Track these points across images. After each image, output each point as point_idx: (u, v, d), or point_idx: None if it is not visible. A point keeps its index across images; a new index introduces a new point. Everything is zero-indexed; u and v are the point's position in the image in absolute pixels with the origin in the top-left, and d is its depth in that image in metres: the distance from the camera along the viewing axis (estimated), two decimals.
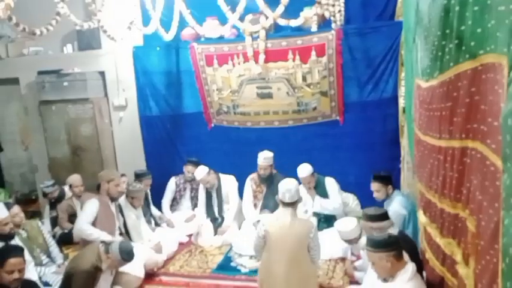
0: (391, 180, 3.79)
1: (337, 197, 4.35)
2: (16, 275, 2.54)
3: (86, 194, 4.34)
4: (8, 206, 3.50)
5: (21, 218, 3.62)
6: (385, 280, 2.41)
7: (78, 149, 5.48)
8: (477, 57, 1.58)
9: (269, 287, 3.14)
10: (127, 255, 3.06)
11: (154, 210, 5.00)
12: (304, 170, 4.26)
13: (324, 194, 4.37)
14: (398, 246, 2.40)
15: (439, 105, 2.07)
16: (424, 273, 2.69)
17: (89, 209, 3.78)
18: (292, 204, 3.12)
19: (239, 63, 4.81)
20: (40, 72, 5.42)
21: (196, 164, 4.86)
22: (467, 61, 1.68)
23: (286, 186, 3.13)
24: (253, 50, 4.64)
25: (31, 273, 3.36)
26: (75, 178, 4.70)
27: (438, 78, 2.08)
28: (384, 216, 2.97)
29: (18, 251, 2.63)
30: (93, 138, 5.44)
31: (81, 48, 5.57)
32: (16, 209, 3.59)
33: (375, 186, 3.73)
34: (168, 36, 4.69)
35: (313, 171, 4.31)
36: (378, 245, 2.37)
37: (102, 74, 5.49)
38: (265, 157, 4.57)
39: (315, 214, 4.40)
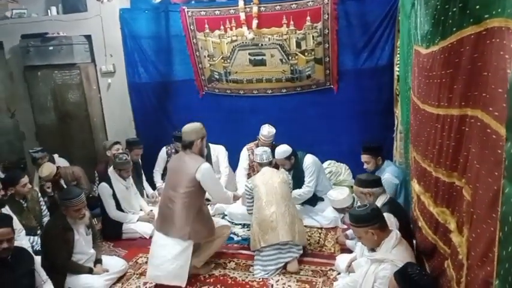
0: (381, 151, 3.78)
1: (309, 181, 4.11)
2: (5, 245, 2.52)
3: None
4: (17, 176, 3.64)
5: (29, 188, 3.73)
6: (372, 250, 2.43)
7: (65, 116, 5.36)
8: (482, 22, 1.51)
9: (265, 237, 3.31)
10: (67, 194, 3.17)
11: (147, 186, 4.92)
12: (280, 152, 4.04)
13: (300, 175, 4.15)
14: (381, 218, 2.40)
15: (439, 72, 2.01)
16: (415, 241, 2.72)
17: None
18: (270, 164, 3.73)
19: (231, 28, 4.66)
20: (24, 36, 5.22)
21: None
22: (471, 26, 1.61)
23: (261, 149, 3.74)
24: (246, 14, 4.49)
25: (23, 241, 3.37)
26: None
27: (439, 44, 2.01)
28: (376, 183, 2.96)
29: (6, 221, 2.60)
30: (81, 105, 5.31)
31: (66, 11, 5.36)
32: (26, 179, 3.66)
33: (364, 157, 3.73)
34: None
35: (289, 155, 4.04)
36: (360, 220, 2.38)
37: (88, 38, 5.29)
38: (269, 132, 4.34)
39: None
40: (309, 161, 4.14)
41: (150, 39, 5.13)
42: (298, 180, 4.08)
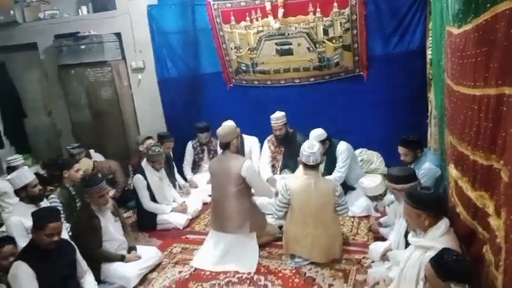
0: (421, 143, 3.53)
1: (341, 167, 4.10)
2: (56, 238, 2.63)
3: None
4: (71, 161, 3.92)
5: (81, 175, 3.88)
6: (414, 232, 2.36)
7: (99, 113, 5.54)
8: None
9: (295, 247, 3.23)
10: (89, 182, 3.26)
11: (178, 178, 5.01)
12: (314, 135, 4.00)
13: (332, 161, 4.15)
14: (440, 206, 2.29)
15: (473, 51, 1.93)
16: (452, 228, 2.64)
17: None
18: (316, 167, 3.19)
19: (257, 19, 4.65)
20: (57, 36, 5.41)
21: (207, 129, 4.94)
22: (505, 0, 1.54)
23: (310, 150, 3.16)
24: (272, 3, 4.46)
25: (63, 231, 3.51)
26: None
27: (472, 22, 1.93)
28: (409, 178, 2.77)
29: (57, 215, 2.71)
30: (113, 101, 5.46)
31: (96, 10, 5.51)
32: (78, 165, 3.95)
33: (402, 150, 3.47)
34: None
35: (324, 138, 4.03)
36: (420, 202, 2.26)
37: (118, 35, 5.43)
38: (277, 118, 4.42)
39: None
40: (343, 147, 4.11)
41: (177, 34, 5.20)
42: (330, 166, 4.09)
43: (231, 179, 3.36)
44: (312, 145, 3.20)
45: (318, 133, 4.02)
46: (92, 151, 5.00)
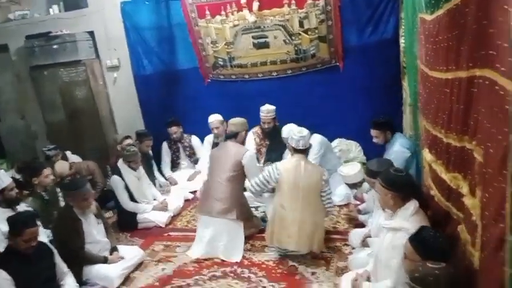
0: (391, 125, 3.73)
1: (312, 159, 4.02)
2: (33, 243, 2.60)
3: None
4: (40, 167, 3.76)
5: (51, 180, 3.79)
6: (387, 215, 2.42)
7: (75, 113, 5.43)
8: None
9: (281, 237, 3.19)
10: (72, 185, 3.21)
11: (158, 176, 4.97)
12: (286, 131, 4.04)
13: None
14: (408, 189, 2.33)
15: (445, 35, 1.98)
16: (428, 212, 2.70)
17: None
18: (305, 151, 3.25)
19: (232, 13, 4.63)
20: (28, 37, 5.26)
21: (174, 123, 4.95)
22: None
23: (299, 134, 3.22)
24: None
25: (41, 235, 3.43)
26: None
27: (444, 7, 1.98)
28: None
29: (33, 220, 2.66)
30: (89, 101, 5.37)
31: (67, 9, 5.39)
32: (48, 170, 3.79)
33: (373, 132, 3.72)
34: None
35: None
36: (388, 182, 2.33)
37: (91, 33, 5.31)
38: (268, 111, 4.49)
39: None
40: (315, 141, 4.11)
41: (152, 30, 5.13)
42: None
43: (230, 163, 3.49)
44: (301, 130, 3.28)
45: (289, 128, 4.04)
46: (68, 152, 4.90)
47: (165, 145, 5.16)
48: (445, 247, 1.90)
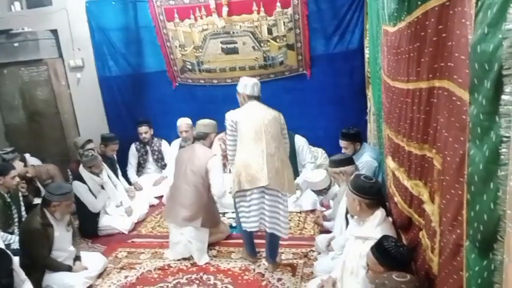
0: (360, 136, 3.84)
1: (311, 157, 4.46)
2: None
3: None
4: (8, 167, 3.64)
5: (17, 182, 3.71)
6: (351, 218, 2.47)
7: (35, 114, 5.23)
8: None
9: (248, 173, 2.96)
10: (61, 190, 3.09)
11: (123, 181, 4.82)
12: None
13: (291, 152, 4.30)
14: (376, 197, 2.37)
15: (407, 47, 2.04)
16: (390, 218, 2.77)
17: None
18: (259, 98, 3.21)
19: (201, 17, 4.61)
20: None
21: (145, 122, 4.92)
22: None
23: (253, 80, 3.20)
24: (216, 2, 4.44)
25: None
26: None
27: (406, 19, 2.04)
28: (348, 161, 3.08)
29: None
30: (51, 102, 5.18)
31: (30, 6, 5.21)
32: (15, 171, 3.70)
33: (343, 143, 3.80)
34: None
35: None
36: (356, 188, 2.37)
37: (54, 32, 5.14)
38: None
39: None
40: (301, 140, 4.37)
41: (118, 32, 5.01)
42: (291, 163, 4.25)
43: (196, 168, 3.37)
44: (250, 78, 3.26)
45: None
46: (27, 155, 4.69)
47: (133, 147, 5.05)
48: (406, 256, 1.95)
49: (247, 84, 3.15)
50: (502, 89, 1.01)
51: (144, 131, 4.91)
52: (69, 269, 3.15)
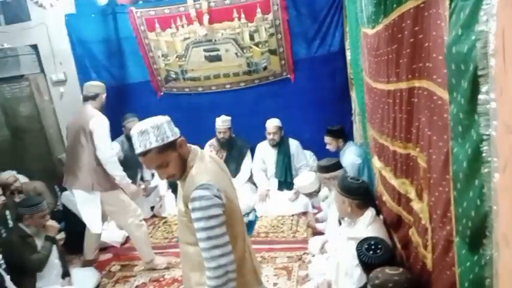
0: (343, 133, 3.97)
1: (302, 158, 4.55)
2: None
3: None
4: None
5: (2, 201, 3.60)
6: (343, 220, 2.49)
7: (19, 131, 5.14)
8: None
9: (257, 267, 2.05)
10: (32, 202, 3.09)
11: None
12: (273, 121, 4.46)
13: (286, 153, 4.41)
14: (365, 197, 2.42)
15: (385, 49, 2.08)
16: (381, 216, 2.81)
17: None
18: None
19: (183, 26, 4.61)
20: None
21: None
22: (409, 0, 1.69)
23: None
24: (196, 10, 4.45)
25: None
26: None
27: (383, 22, 2.08)
28: (336, 166, 3.12)
29: None
30: (34, 117, 5.11)
31: (8, 22, 5.11)
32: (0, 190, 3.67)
33: (326, 139, 3.96)
34: (102, 1, 4.39)
35: (281, 126, 4.49)
36: (345, 189, 2.40)
37: (35, 47, 5.08)
38: (223, 120, 4.54)
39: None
40: (296, 143, 4.50)
41: (100, 44, 4.98)
42: (287, 167, 4.39)
43: (83, 130, 3.29)
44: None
45: (277, 121, 4.43)
46: (13, 173, 4.62)
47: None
48: (380, 261, 1.98)
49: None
50: (479, 88, 1.03)
51: (132, 126, 4.84)
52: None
